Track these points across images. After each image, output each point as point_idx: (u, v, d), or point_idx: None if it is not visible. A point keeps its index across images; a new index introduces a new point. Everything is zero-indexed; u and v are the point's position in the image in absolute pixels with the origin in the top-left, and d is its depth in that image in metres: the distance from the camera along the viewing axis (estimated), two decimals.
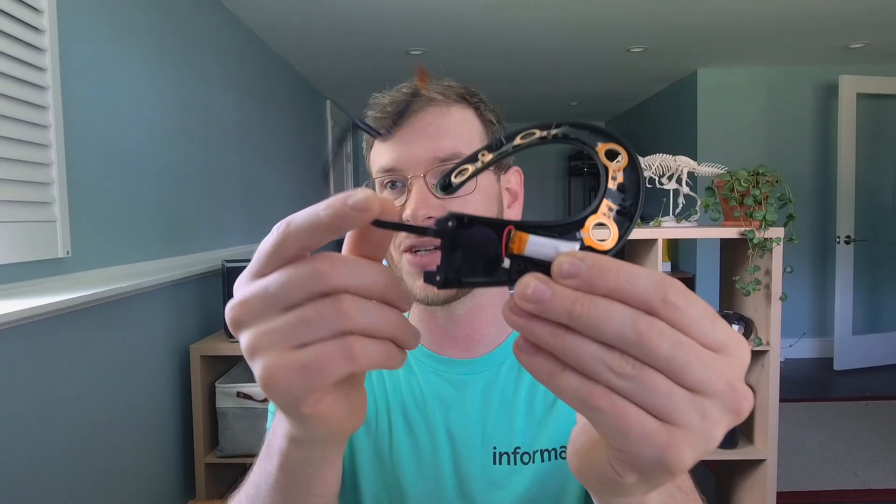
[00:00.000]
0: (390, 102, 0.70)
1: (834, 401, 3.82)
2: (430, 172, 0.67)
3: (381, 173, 0.70)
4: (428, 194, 0.66)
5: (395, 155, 0.68)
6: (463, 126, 0.70)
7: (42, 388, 1.51)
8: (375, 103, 0.72)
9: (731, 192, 2.10)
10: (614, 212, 0.30)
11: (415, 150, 0.67)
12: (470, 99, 0.72)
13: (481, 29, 3.52)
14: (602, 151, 0.30)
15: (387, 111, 0.70)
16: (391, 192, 0.70)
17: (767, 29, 3.67)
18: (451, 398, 0.71)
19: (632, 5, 3.17)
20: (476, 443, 0.69)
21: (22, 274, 1.53)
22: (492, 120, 0.73)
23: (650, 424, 0.27)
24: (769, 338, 2.12)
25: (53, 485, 1.54)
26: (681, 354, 0.26)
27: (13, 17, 1.49)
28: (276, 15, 3.19)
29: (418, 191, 0.66)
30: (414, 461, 0.69)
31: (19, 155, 1.52)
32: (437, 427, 0.70)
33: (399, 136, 0.69)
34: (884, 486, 2.69)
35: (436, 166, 0.67)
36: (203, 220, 2.64)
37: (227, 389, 2.16)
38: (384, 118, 0.70)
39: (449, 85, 0.71)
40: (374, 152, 0.72)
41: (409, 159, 0.68)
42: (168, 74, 2.35)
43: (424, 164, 0.67)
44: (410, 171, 0.67)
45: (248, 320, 0.30)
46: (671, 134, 5.31)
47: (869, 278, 4.61)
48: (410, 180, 0.67)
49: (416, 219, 0.65)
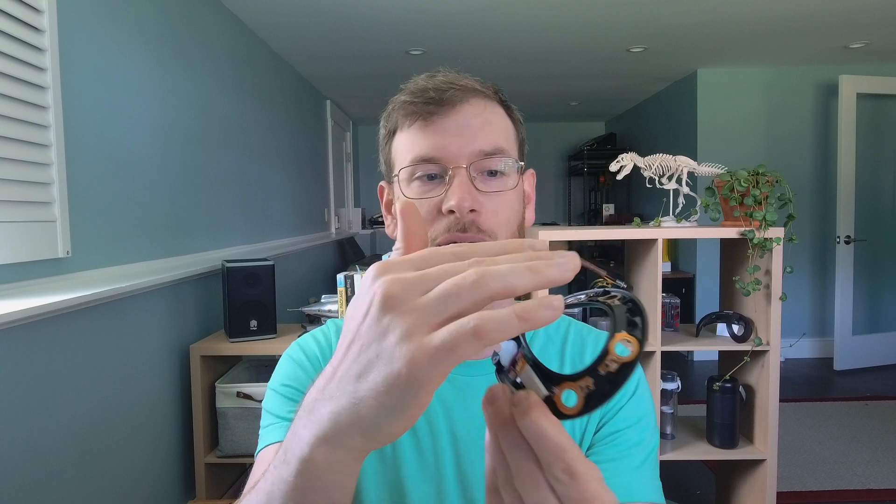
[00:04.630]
0: (434, 88, 0.66)
1: (834, 401, 3.82)
2: (474, 165, 0.65)
3: (416, 162, 0.66)
4: (471, 186, 0.64)
5: (436, 143, 0.65)
6: (502, 122, 0.69)
7: (42, 388, 1.51)
8: (416, 88, 0.67)
9: (731, 192, 2.10)
10: (588, 390, 0.32)
11: (459, 140, 0.65)
12: (502, 97, 0.71)
13: (481, 29, 3.52)
14: (618, 338, 0.33)
15: (430, 97, 0.65)
16: (424, 182, 0.66)
17: (767, 29, 3.67)
18: (452, 399, 0.70)
19: (632, 5, 3.17)
20: (480, 445, 0.68)
21: (22, 274, 1.53)
22: (519, 119, 0.73)
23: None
24: (769, 338, 2.12)
25: (53, 484, 1.54)
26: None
27: (13, 17, 1.49)
28: (276, 15, 3.19)
29: (463, 182, 0.64)
30: (416, 462, 0.68)
31: (19, 155, 1.52)
32: (439, 428, 0.69)
33: (441, 125, 0.65)
34: (884, 486, 2.69)
35: (480, 159, 0.65)
36: (203, 220, 2.64)
37: (227, 389, 2.16)
38: (428, 104, 0.66)
39: (485, 82, 0.69)
40: (404, 140, 0.68)
41: (452, 150, 0.65)
42: (168, 74, 2.35)
43: (468, 155, 0.65)
44: (453, 162, 0.65)
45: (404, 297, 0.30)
46: (671, 134, 5.31)
47: (869, 278, 4.61)
48: (452, 171, 0.64)
49: (461, 210, 0.63)
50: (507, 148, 0.67)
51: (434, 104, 0.65)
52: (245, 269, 2.26)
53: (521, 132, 0.73)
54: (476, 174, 0.66)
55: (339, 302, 2.25)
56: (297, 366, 0.72)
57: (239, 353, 2.31)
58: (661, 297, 2.17)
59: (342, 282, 2.23)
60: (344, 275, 2.24)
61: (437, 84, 0.66)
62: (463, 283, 0.29)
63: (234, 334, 2.24)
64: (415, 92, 0.67)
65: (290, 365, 0.73)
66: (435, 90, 0.66)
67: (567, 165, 7.49)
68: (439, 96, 0.65)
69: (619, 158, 2.24)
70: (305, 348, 0.74)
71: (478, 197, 0.64)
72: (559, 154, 7.52)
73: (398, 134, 0.69)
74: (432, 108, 0.65)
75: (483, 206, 0.65)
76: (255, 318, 2.26)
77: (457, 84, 0.66)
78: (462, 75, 0.69)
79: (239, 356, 2.47)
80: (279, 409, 0.69)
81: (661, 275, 2.14)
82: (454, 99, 0.65)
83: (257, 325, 2.26)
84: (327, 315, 2.35)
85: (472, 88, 0.67)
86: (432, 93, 0.65)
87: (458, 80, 0.67)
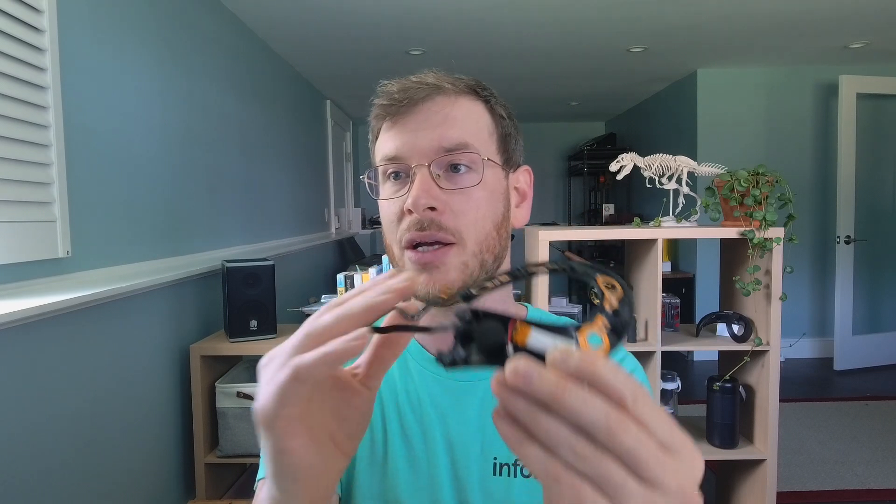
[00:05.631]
0: (399, 90, 0.66)
1: (834, 401, 3.82)
2: (435, 162, 0.64)
3: (384, 162, 0.67)
4: (431, 184, 0.63)
5: (399, 143, 0.65)
6: (471, 117, 0.67)
7: (42, 388, 1.51)
8: (384, 90, 0.68)
9: (731, 192, 2.10)
10: (608, 329, 0.34)
11: (420, 138, 0.64)
12: (480, 92, 0.69)
13: (481, 29, 3.52)
14: (601, 282, 0.35)
15: (394, 98, 0.66)
16: (393, 183, 0.67)
17: (767, 29, 3.67)
18: (448, 406, 0.69)
19: (632, 5, 3.17)
20: (475, 452, 0.67)
21: (22, 274, 1.53)
22: (502, 115, 0.70)
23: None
24: (769, 338, 2.12)
25: (53, 484, 1.54)
26: (641, 450, 0.29)
27: (13, 17, 1.49)
28: (276, 15, 3.19)
29: (422, 180, 0.63)
30: (410, 470, 0.67)
31: (19, 155, 1.52)
32: (434, 435, 0.68)
33: (404, 124, 0.65)
34: (884, 486, 2.69)
35: (440, 156, 0.64)
36: (203, 220, 2.64)
37: (227, 389, 2.16)
38: (392, 105, 0.66)
39: (459, 77, 0.69)
40: (380, 141, 0.69)
41: (414, 148, 0.64)
42: (168, 74, 2.35)
43: (429, 152, 0.64)
44: (414, 159, 0.64)
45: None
46: (671, 134, 5.31)
47: (869, 278, 4.61)
48: (414, 169, 0.64)
49: (417, 208, 0.62)
50: (473, 143, 0.65)
51: (397, 104, 0.65)
52: (245, 269, 2.26)
53: (504, 127, 0.70)
54: (440, 171, 0.64)
55: None
56: None
57: (239, 353, 2.31)
58: (661, 297, 2.17)
59: (342, 282, 2.23)
60: (344, 275, 2.24)
61: (404, 84, 0.66)
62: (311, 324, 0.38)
63: (234, 334, 2.24)
64: (383, 94, 0.67)
65: None
66: (400, 90, 0.66)
67: (567, 165, 7.49)
68: (402, 95, 0.65)
69: (619, 158, 2.24)
70: None
71: (439, 195, 0.63)
72: (559, 154, 7.52)
73: (378, 136, 0.70)
74: (394, 108, 0.65)
75: (445, 205, 0.63)
76: (255, 318, 2.26)
77: (424, 82, 0.66)
78: (440, 74, 0.68)
79: (239, 356, 2.47)
80: None
81: (661, 275, 2.14)
82: (416, 96, 0.65)
83: (257, 325, 2.26)
84: None
85: (437, 86, 0.66)
86: (397, 94, 0.66)
87: (427, 78, 0.67)
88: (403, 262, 0.66)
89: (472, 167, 0.65)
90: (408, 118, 0.65)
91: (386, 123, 0.67)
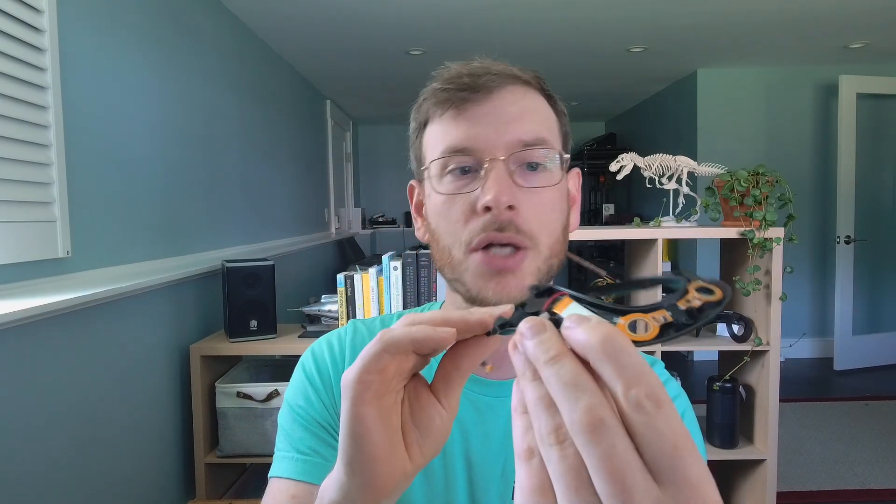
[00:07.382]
0: (467, 73, 0.60)
1: (834, 401, 3.82)
2: (513, 157, 0.58)
3: (448, 153, 0.59)
4: (510, 181, 0.57)
5: (471, 133, 0.58)
6: (542, 111, 0.62)
7: (42, 388, 1.51)
8: (447, 75, 0.61)
9: (731, 192, 2.10)
10: (666, 321, 0.31)
11: (496, 130, 0.58)
12: (544, 86, 0.64)
13: (481, 29, 3.52)
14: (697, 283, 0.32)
15: (465, 83, 0.59)
16: (458, 177, 0.60)
17: (767, 29, 3.67)
18: (471, 423, 0.65)
19: (632, 5, 3.17)
20: (496, 474, 0.63)
21: (22, 274, 1.53)
22: (564, 112, 0.66)
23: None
24: (769, 338, 2.12)
25: (53, 485, 1.54)
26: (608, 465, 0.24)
27: (13, 17, 1.49)
28: (276, 15, 3.19)
29: (499, 176, 0.57)
30: (425, 487, 0.63)
31: (19, 155, 1.52)
32: (453, 452, 0.64)
33: (475, 113, 0.59)
34: (884, 486, 2.69)
35: (519, 150, 0.58)
36: (203, 220, 2.64)
37: (227, 389, 2.16)
38: (462, 91, 0.59)
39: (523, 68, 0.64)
40: (435, 131, 0.62)
41: (488, 140, 0.58)
42: (168, 74, 2.35)
43: (506, 146, 0.58)
44: (489, 153, 0.58)
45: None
46: (671, 134, 5.31)
47: (869, 278, 4.61)
48: (489, 163, 0.57)
49: (498, 207, 0.56)
50: (551, 139, 0.61)
51: (468, 90, 0.59)
52: (245, 269, 2.26)
53: (564, 125, 0.66)
54: (515, 167, 0.59)
55: (339, 302, 2.25)
56: (308, 382, 0.68)
57: (239, 353, 2.31)
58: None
59: (342, 282, 2.23)
60: (344, 275, 2.24)
61: (473, 69, 0.60)
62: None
63: (234, 334, 2.24)
64: (448, 79, 0.60)
65: (302, 379, 0.68)
66: (469, 75, 0.60)
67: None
68: (474, 82, 0.59)
69: (619, 158, 2.24)
70: (319, 359, 0.69)
71: (516, 193, 0.57)
72: None
73: (429, 125, 0.63)
74: (466, 95, 0.59)
75: (522, 204, 0.58)
76: (255, 318, 2.26)
77: (494, 69, 0.60)
78: (500, 62, 0.63)
79: (239, 356, 2.47)
80: (292, 435, 0.64)
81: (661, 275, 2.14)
82: (490, 84, 0.59)
83: (257, 325, 2.26)
84: (327, 315, 2.35)
85: (511, 74, 0.61)
86: (466, 78, 0.59)
87: (495, 65, 0.61)
88: (466, 265, 0.59)
89: (548, 165, 0.60)
90: (480, 107, 0.59)
91: (451, 111, 0.60)
